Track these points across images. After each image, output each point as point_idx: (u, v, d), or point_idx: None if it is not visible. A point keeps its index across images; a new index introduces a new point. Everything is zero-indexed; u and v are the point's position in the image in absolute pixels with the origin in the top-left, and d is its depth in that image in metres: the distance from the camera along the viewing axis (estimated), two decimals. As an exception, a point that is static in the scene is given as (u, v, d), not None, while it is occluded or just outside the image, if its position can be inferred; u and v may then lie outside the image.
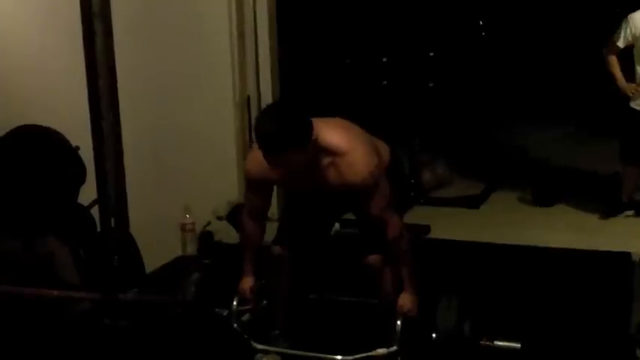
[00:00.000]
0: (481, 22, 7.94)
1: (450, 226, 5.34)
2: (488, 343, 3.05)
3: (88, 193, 3.77)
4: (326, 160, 2.93)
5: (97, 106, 2.83)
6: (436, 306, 3.09)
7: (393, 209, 3.05)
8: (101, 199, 3.05)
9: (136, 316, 3.32)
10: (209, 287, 3.31)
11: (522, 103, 7.91)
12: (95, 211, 3.73)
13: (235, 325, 3.20)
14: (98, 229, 3.66)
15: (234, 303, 3.22)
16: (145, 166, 4.34)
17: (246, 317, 3.27)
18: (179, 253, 4.80)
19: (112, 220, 3.02)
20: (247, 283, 3.27)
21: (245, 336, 3.18)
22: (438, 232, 5.15)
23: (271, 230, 3.37)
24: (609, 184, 5.62)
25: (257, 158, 2.91)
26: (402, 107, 6.24)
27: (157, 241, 4.38)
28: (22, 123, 3.78)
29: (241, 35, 5.25)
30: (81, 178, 3.79)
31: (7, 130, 3.77)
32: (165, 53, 4.71)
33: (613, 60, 5.14)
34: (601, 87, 5.51)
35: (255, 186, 3.15)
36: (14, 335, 3.49)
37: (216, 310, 3.27)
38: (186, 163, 4.89)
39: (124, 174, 3.00)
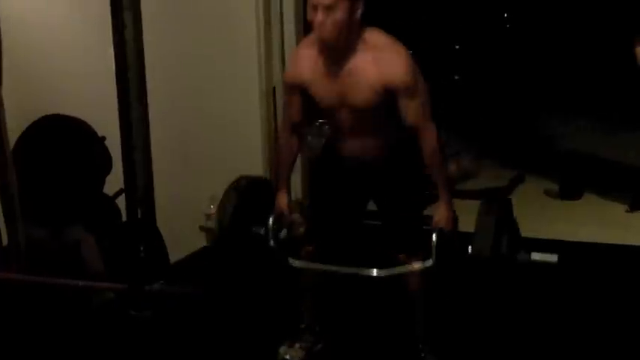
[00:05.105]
0: (505, 15, 7.89)
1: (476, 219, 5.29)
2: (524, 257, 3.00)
3: (112, 184, 3.78)
4: (367, 56, 2.92)
5: (126, 97, 2.81)
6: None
7: (430, 118, 3.03)
8: (129, 190, 3.04)
9: (160, 307, 3.32)
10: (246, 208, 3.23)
11: (549, 95, 7.83)
12: (119, 201, 3.74)
13: (272, 242, 3.16)
14: (123, 219, 3.68)
15: (271, 220, 3.18)
16: (171, 155, 4.33)
17: (283, 234, 3.23)
18: (204, 243, 4.80)
19: (139, 211, 3.01)
20: (283, 198, 3.25)
21: (282, 253, 3.16)
22: (463, 226, 5.10)
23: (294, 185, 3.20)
24: (637, 177, 5.54)
25: (295, 60, 3.05)
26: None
27: (182, 231, 4.38)
28: (49, 113, 3.79)
29: (267, 23, 5.21)
30: (107, 168, 3.80)
31: (34, 120, 3.79)
32: (192, 42, 4.70)
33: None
34: (629, 78, 5.44)
35: (291, 91, 3.15)
36: (38, 323, 3.51)
37: (253, 228, 3.22)
38: (212, 152, 4.88)
39: (152, 165, 2.99)
